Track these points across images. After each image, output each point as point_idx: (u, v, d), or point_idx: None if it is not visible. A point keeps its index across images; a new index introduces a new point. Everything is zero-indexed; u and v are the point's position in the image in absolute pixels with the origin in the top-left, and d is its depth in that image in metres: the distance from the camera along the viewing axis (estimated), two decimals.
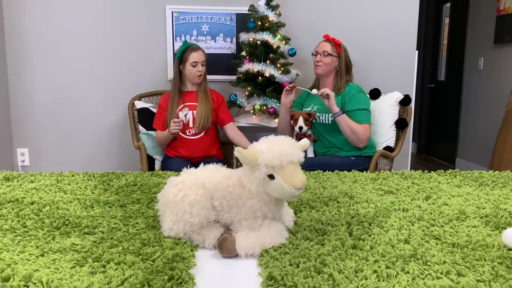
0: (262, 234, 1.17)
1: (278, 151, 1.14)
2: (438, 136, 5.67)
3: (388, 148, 2.85)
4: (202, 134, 2.81)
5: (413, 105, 3.05)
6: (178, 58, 2.79)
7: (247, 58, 3.04)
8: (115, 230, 1.27)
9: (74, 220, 1.34)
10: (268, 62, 3.00)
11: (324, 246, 1.16)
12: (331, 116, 2.68)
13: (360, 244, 1.17)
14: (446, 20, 5.62)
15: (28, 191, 1.64)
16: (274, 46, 2.98)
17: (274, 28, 3.02)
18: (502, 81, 4.29)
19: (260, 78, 2.98)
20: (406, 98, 2.91)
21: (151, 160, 2.96)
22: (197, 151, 2.81)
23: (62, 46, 3.26)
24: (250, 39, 3.00)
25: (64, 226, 1.29)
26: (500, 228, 1.31)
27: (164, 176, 1.93)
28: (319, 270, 1.01)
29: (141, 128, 3.03)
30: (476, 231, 1.28)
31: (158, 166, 2.96)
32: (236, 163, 3.11)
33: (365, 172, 2.04)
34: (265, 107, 3.02)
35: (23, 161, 3.36)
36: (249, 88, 3.05)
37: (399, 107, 2.93)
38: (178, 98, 2.81)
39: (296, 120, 2.71)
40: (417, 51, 3.39)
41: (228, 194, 1.22)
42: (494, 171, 2.02)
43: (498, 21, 4.29)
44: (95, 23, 3.25)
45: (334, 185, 1.79)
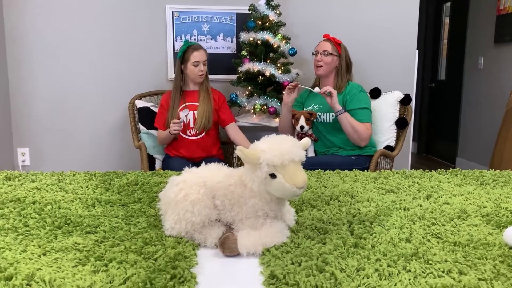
0: (263, 233, 1.18)
1: (280, 150, 1.14)
2: (438, 135, 5.67)
3: (388, 147, 2.85)
4: (203, 134, 2.80)
5: (413, 104, 3.05)
6: (180, 58, 2.77)
7: (248, 57, 3.04)
8: (117, 229, 1.27)
9: (76, 219, 1.34)
10: (268, 61, 3.00)
11: (325, 245, 1.16)
12: (332, 115, 2.69)
13: (361, 243, 1.17)
14: (446, 19, 5.62)
15: (29, 191, 1.64)
16: (275, 46, 2.99)
17: (274, 27, 3.02)
18: (502, 80, 4.29)
19: (260, 77, 2.98)
20: (407, 98, 2.91)
21: (152, 159, 2.96)
22: (197, 151, 2.81)
23: (62, 46, 3.26)
24: (251, 39, 3.00)
25: (66, 225, 1.29)
26: (501, 227, 1.31)
27: (165, 175, 1.94)
28: (321, 269, 1.02)
29: (141, 127, 3.03)
30: (477, 230, 1.28)
31: (158, 165, 2.96)
32: (236, 163, 3.11)
33: (366, 171, 2.04)
34: (265, 107, 3.02)
35: (24, 161, 3.37)
36: (249, 87, 3.05)
37: (400, 107, 2.93)
38: (180, 98, 2.80)
39: (297, 119, 2.71)
40: (417, 51, 3.39)
41: (229, 193, 1.22)
42: (495, 170, 2.03)
43: (498, 20, 4.29)
44: (95, 23, 3.25)
45: (335, 184, 1.79)
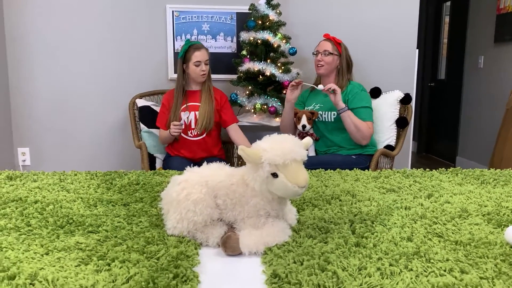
0: (265, 232, 1.18)
1: (282, 150, 1.14)
2: (439, 134, 5.67)
3: (388, 146, 2.86)
4: (204, 135, 2.80)
5: (413, 104, 3.05)
6: (181, 57, 2.75)
7: (248, 57, 3.04)
8: (119, 228, 1.28)
9: (78, 218, 1.34)
10: (268, 61, 3.00)
11: (327, 244, 1.16)
12: (334, 114, 2.69)
13: (363, 242, 1.18)
14: (446, 19, 5.62)
15: (31, 190, 1.64)
16: (275, 45, 2.99)
17: (274, 27, 3.02)
18: (502, 79, 4.30)
19: (260, 77, 2.98)
20: (407, 97, 2.92)
21: (152, 158, 2.96)
22: (198, 152, 2.80)
23: (62, 46, 3.26)
24: (251, 38, 3.00)
25: (68, 225, 1.30)
26: (502, 225, 1.31)
27: (166, 175, 1.94)
28: (323, 268, 1.02)
29: (142, 126, 3.03)
30: (478, 229, 1.28)
31: (159, 164, 2.96)
32: (237, 163, 3.11)
33: (366, 170, 2.04)
34: (266, 106, 3.03)
35: (24, 160, 3.37)
36: (249, 87, 3.05)
37: (400, 106, 2.93)
38: (182, 98, 2.79)
39: (299, 118, 2.71)
40: (417, 50, 3.39)
41: (231, 192, 1.22)
42: (495, 170, 2.03)
43: (498, 19, 4.29)
44: (96, 23, 3.25)
45: (336, 183, 1.79)
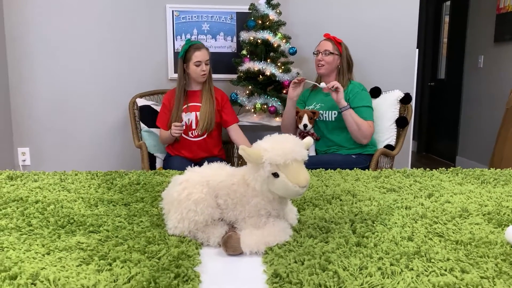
0: (266, 232, 1.18)
1: (282, 149, 1.14)
2: (438, 134, 5.67)
3: (388, 146, 2.86)
4: (205, 136, 2.79)
5: (413, 103, 3.05)
6: (182, 57, 2.74)
7: (248, 57, 3.04)
8: (120, 228, 1.28)
9: (78, 218, 1.34)
10: (268, 61, 3.00)
11: (328, 244, 1.16)
12: (335, 113, 2.70)
13: (364, 241, 1.18)
14: (446, 18, 5.62)
15: (32, 190, 1.64)
16: (275, 45, 2.99)
17: (274, 26, 3.02)
18: (502, 79, 4.30)
19: (260, 77, 2.98)
20: (407, 97, 2.92)
21: (152, 158, 2.95)
22: (199, 152, 2.80)
23: (62, 46, 3.26)
24: (251, 38, 3.00)
25: (69, 225, 1.30)
26: (502, 225, 1.32)
27: (167, 174, 1.94)
28: (324, 267, 1.02)
29: (142, 125, 3.03)
30: (479, 229, 1.28)
31: (159, 164, 2.96)
32: (237, 162, 3.11)
33: (366, 170, 2.04)
34: (266, 106, 3.03)
35: (24, 160, 3.36)
36: (249, 87, 3.05)
37: (400, 106, 2.93)
38: (184, 99, 2.77)
39: (300, 117, 2.71)
40: (417, 50, 3.39)
41: (232, 192, 1.22)
42: (496, 169, 2.03)
43: (498, 19, 4.30)
44: (95, 23, 3.25)
45: (337, 183, 1.79)
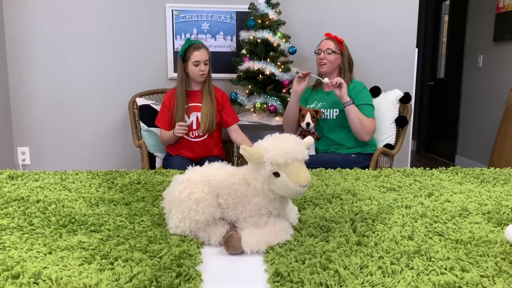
0: (267, 231, 1.19)
1: (283, 149, 1.15)
2: (438, 133, 5.68)
3: (388, 145, 2.86)
4: (206, 136, 2.79)
5: (413, 102, 3.06)
6: (181, 56, 2.73)
7: (248, 56, 3.04)
8: (121, 227, 1.28)
9: (80, 218, 1.35)
10: (268, 60, 3.00)
11: (329, 243, 1.17)
12: (336, 111, 2.71)
13: (364, 240, 1.18)
14: (446, 17, 5.63)
15: (33, 190, 1.64)
16: (275, 44, 2.99)
17: (274, 26, 3.03)
18: (501, 78, 4.30)
19: (260, 76, 2.99)
20: (406, 96, 2.92)
21: (152, 157, 2.96)
22: (199, 153, 2.80)
23: (62, 45, 3.26)
24: (251, 37, 3.00)
25: (70, 224, 1.30)
26: (502, 224, 1.32)
27: (167, 174, 1.94)
28: (325, 266, 1.03)
29: (142, 125, 3.03)
30: (478, 228, 1.29)
31: (159, 163, 2.96)
32: (237, 162, 3.12)
33: (366, 169, 2.05)
34: (265, 105, 3.03)
35: (24, 160, 3.37)
36: (249, 86, 3.06)
37: (399, 105, 2.94)
38: (185, 99, 2.76)
39: (303, 116, 2.71)
40: (416, 49, 3.40)
41: (233, 191, 1.23)
42: (495, 168, 2.04)
43: (497, 18, 4.30)
44: (95, 22, 3.25)
45: (337, 182, 1.80)
